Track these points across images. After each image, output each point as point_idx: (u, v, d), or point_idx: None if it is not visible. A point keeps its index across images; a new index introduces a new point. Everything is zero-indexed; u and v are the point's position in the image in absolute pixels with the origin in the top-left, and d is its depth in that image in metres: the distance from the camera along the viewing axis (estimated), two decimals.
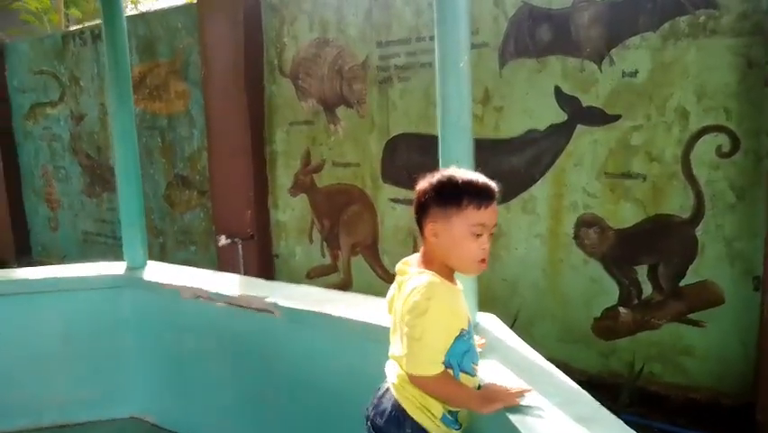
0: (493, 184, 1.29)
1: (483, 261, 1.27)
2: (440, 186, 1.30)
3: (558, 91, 3.11)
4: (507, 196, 3.34)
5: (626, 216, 3.01)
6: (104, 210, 5.58)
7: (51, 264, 5.79)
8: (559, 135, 3.14)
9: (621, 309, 3.06)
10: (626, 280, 3.04)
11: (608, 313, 3.10)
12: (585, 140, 3.07)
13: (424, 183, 1.34)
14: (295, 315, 1.96)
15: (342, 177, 4.06)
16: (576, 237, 3.15)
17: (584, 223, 3.12)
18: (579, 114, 3.07)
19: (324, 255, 4.26)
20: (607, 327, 3.11)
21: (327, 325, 1.88)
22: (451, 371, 1.26)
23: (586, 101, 3.04)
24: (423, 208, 1.32)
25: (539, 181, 3.23)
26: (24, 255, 6.29)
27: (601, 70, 2.99)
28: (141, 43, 4.90)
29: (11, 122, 6.19)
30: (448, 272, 1.31)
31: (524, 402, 1.24)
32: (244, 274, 4.05)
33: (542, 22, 3.13)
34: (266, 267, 4.41)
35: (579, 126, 3.08)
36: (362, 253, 4.08)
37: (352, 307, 1.92)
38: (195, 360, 2.36)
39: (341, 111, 3.97)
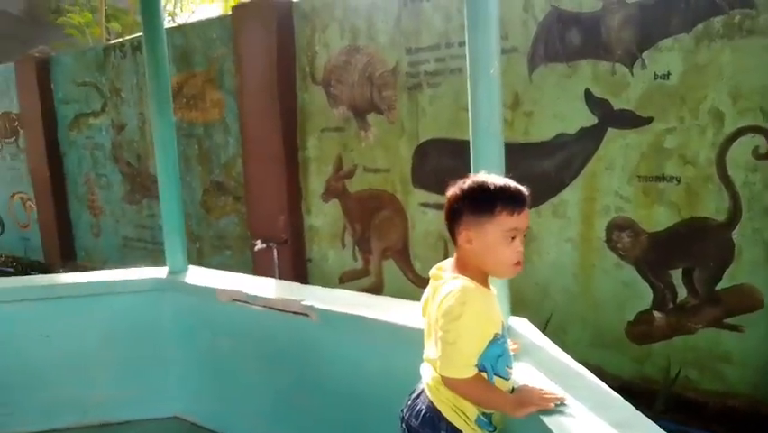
0: (524, 189, 1.32)
1: (518, 263, 1.31)
2: (472, 193, 1.33)
3: (588, 94, 3.10)
4: (538, 200, 3.34)
5: (659, 219, 2.97)
6: (143, 216, 5.78)
7: (94, 269, 6.02)
8: (589, 139, 3.13)
9: (656, 313, 3.02)
10: (661, 284, 3.00)
11: (641, 317, 3.06)
12: (616, 143, 3.05)
13: (454, 190, 1.36)
14: (331, 318, 2.01)
15: (373, 182, 4.12)
16: (608, 241, 3.13)
17: (616, 226, 3.10)
18: (609, 117, 3.05)
19: (355, 259, 4.32)
20: (641, 331, 3.08)
21: (363, 328, 1.92)
22: (485, 374, 1.29)
23: (617, 104, 3.02)
24: (455, 216, 1.35)
25: (570, 185, 3.22)
26: (69, 260, 6.55)
27: (633, 73, 2.96)
28: (178, 54, 5.07)
29: (57, 132, 6.46)
30: (482, 277, 1.34)
31: (559, 407, 1.24)
32: (279, 278, 4.15)
33: (571, 25, 3.12)
34: (299, 271, 4.50)
35: (610, 130, 3.06)
36: (393, 257, 4.12)
37: (387, 310, 1.96)
38: (233, 361, 2.44)
39: (371, 117, 4.03)
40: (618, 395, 1.29)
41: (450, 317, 1.25)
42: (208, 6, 8.92)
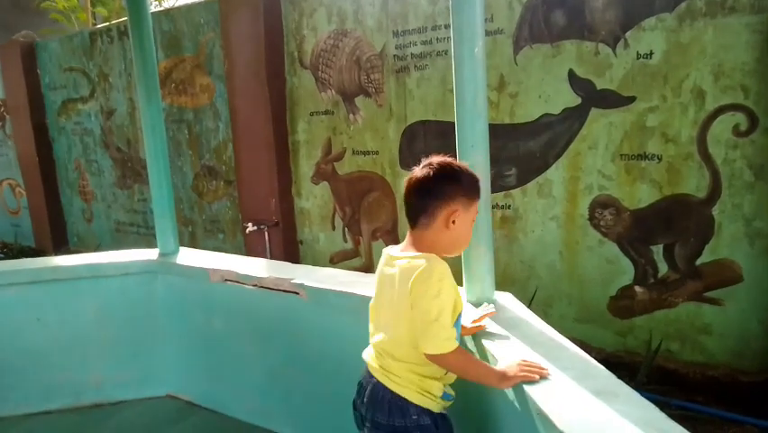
0: None
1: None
2: (468, 177, 1.36)
3: (572, 75, 3.14)
4: (524, 180, 3.39)
5: (641, 196, 3.04)
6: (135, 201, 5.79)
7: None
8: (573, 119, 3.18)
9: (637, 288, 3.10)
10: (642, 260, 3.08)
11: (624, 292, 3.15)
12: (600, 123, 3.10)
13: (444, 169, 1.34)
14: (321, 295, 2.05)
15: (362, 165, 4.15)
16: (591, 219, 3.20)
17: (599, 204, 3.16)
18: (592, 97, 3.10)
19: (346, 241, 4.38)
20: (623, 306, 3.16)
21: (352, 305, 1.96)
22: None
23: (600, 84, 3.07)
24: (443, 196, 1.32)
25: (554, 165, 3.28)
26: (61, 246, 6.57)
27: (616, 54, 3.00)
28: (165, 39, 5.05)
29: (45, 118, 6.43)
30: (441, 255, 1.34)
31: (545, 378, 1.25)
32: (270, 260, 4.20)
33: (556, 7, 3.15)
34: (291, 253, 4.55)
35: (593, 110, 3.11)
36: (383, 238, 4.18)
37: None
38: (225, 340, 2.50)
39: (360, 100, 4.06)
40: (600, 365, 1.31)
41: (430, 295, 1.26)
42: None
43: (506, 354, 1.38)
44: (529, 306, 2.13)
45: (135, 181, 5.73)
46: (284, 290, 2.17)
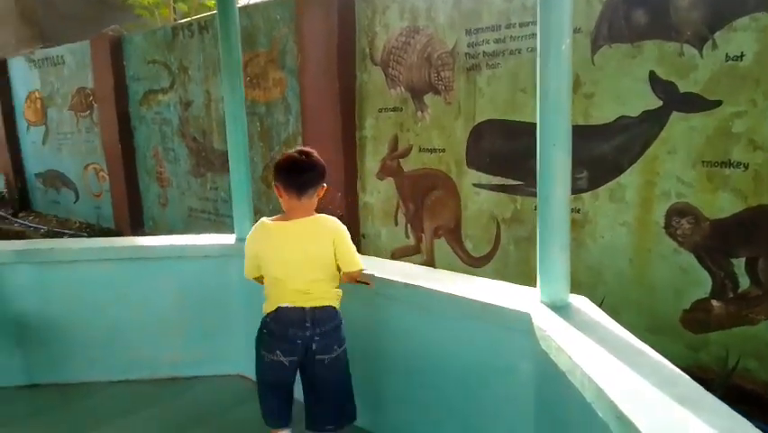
0: None
1: None
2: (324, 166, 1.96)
3: (653, 76, 3.03)
4: (595, 183, 3.31)
5: (723, 206, 2.90)
6: (207, 189, 6.07)
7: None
8: (652, 122, 3.07)
9: (714, 302, 2.96)
10: (722, 273, 2.94)
11: (698, 305, 3.02)
12: (680, 127, 2.98)
13: (318, 159, 1.93)
14: (389, 288, 2.10)
15: (427, 162, 4.18)
16: (667, 227, 3.08)
17: (677, 212, 3.04)
18: (674, 100, 2.98)
19: (408, 237, 4.42)
20: (697, 319, 3.03)
21: (419, 298, 1.99)
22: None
23: (683, 87, 2.95)
24: (321, 177, 1.92)
25: (629, 169, 3.18)
26: (137, 228, 6.97)
27: (702, 55, 2.88)
28: (242, 34, 5.22)
29: (128, 108, 6.83)
30: None
31: (625, 383, 1.23)
32: None
33: (639, 5, 3.05)
34: (354, 246, 4.63)
35: (674, 113, 2.99)
36: (445, 236, 4.19)
37: (443, 282, 2.02)
38: None
39: (428, 98, 4.08)
40: (683, 372, 1.27)
41: (345, 235, 1.95)
42: None
43: (585, 359, 1.36)
44: None
45: (208, 170, 6.00)
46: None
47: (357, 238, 4.71)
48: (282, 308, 1.90)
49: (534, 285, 1.80)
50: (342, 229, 1.95)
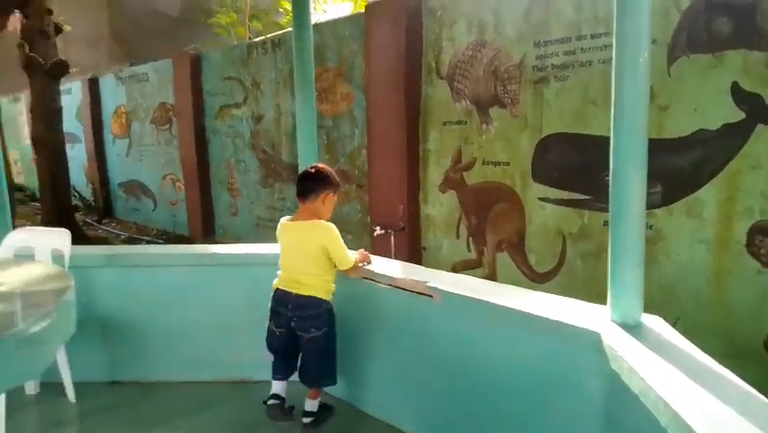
0: None
1: None
2: (336, 177, 2.42)
3: (736, 88, 2.88)
4: (671, 198, 3.17)
5: None
6: (275, 199, 6.29)
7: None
8: (734, 136, 2.91)
9: None
10: None
11: None
12: (766, 140, 2.81)
13: (327, 169, 2.40)
14: (453, 300, 2.10)
15: (491, 175, 4.14)
16: (749, 246, 2.90)
17: (760, 230, 2.86)
18: (759, 112, 2.82)
19: (469, 250, 4.39)
20: None
21: (486, 312, 1.99)
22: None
23: None
24: (327, 185, 2.35)
25: (708, 184, 3.02)
26: (209, 236, 7.31)
27: None
28: (313, 51, 5.42)
29: (204, 121, 7.21)
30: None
31: (703, 408, 1.18)
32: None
33: (721, 14, 2.92)
34: (415, 258, 4.66)
35: (759, 126, 2.83)
36: (508, 250, 4.13)
37: (511, 297, 2.00)
38: (359, 334, 2.63)
39: (494, 111, 4.06)
40: (767, 399, 1.20)
41: (334, 238, 2.31)
42: (339, 6, 9.39)
43: (660, 382, 1.31)
44: None
45: (276, 181, 6.22)
46: (418, 292, 2.25)
47: (418, 250, 4.72)
48: (279, 289, 2.40)
49: (602, 302, 1.75)
50: (333, 234, 2.31)
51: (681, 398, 1.22)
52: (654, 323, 1.66)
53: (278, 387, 2.57)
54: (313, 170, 2.39)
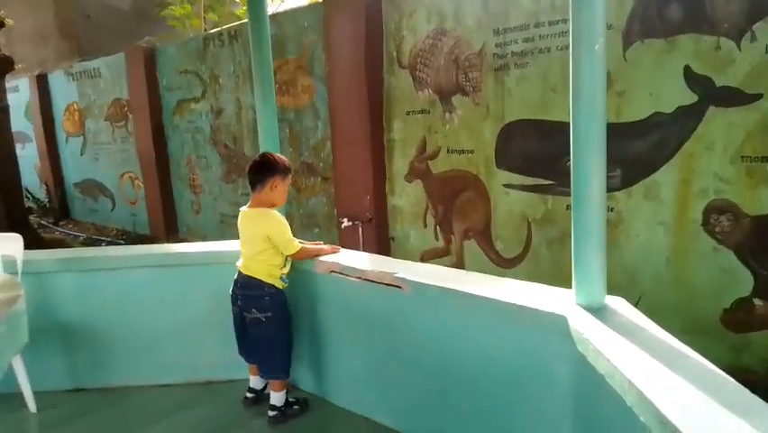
0: None
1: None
2: (284, 162, 2.47)
3: (688, 71, 2.97)
4: (629, 181, 3.25)
5: (765, 202, 2.81)
6: (238, 195, 6.18)
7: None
8: (687, 118, 3.00)
9: (756, 301, 2.88)
10: (764, 271, 2.85)
11: (740, 305, 2.93)
12: (718, 122, 2.90)
13: (271, 157, 2.45)
14: (422, 290, 2.10)
15: (456, 163, 4.17)
16: (705, 225, 3.00)
17: (715, 209, 2.96)
18: (711, 94, 2.91)
19: (437, 239, 4.41)
20: (739, 319, 2.94)
21: (454, 300, 1.99)
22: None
23: (720, 81, 2.87)
24: (272, 172, 2.41)
25: (664, 166, 3.11)
26: (172, 234, 7.14)
27: (740, 48, 2.80)
28: (272, 42, 5.31)
29: (162, 117, 7.01)
30: (271, 207, 2.45)
31: (667, 387, 1.20)
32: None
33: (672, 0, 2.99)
34: (383, 249, 4.66)
35: (711, 108, 2.92)
36: (475, 237, 4.17)
37: (478, 285, 2.01)
38: (330, 330, 2.62)
39: (456, 99, 4.07)
40: (728, 376, 1.23)
41: (281, 226, 2.42)
42: None
43: (624, 361, 1.34)
44: None
45: (239, 176, 6.11)
46: (386, 284, 2.24)
47: (386, 241, 4.72)
48: (237, 269, 2.52)
49: (568, 286, 1.78)
50: (275, 221, 2.41)
51: (645, 377, 1.25)
52: (618, 304, 1.69)
53: (253, 380, 2.65)
54: (258, 159, 2.45)
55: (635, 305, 3.16)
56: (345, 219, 4.57)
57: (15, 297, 1.96)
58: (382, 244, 4.68)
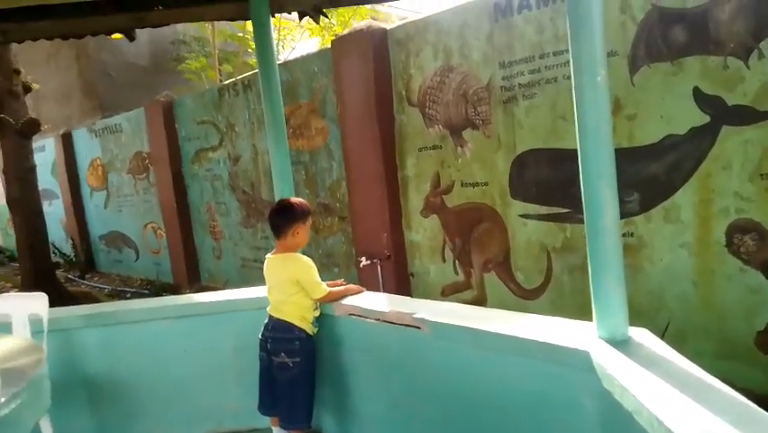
0: None
1: None
2: (305, 208, 2.54)
3: (697, 92, 2.95)
4: (647, 205, 3.21)
5: None
6: (258, 239, 6.24)
7: (217, 289, 6.57)
8: (702, 139, 2.97)
9: None
10: None
11: None
12: (734, 141, 2.87)
13: (294, 204, 2.51)
14: (442, 330, 2.08)
15: (471, 196, 4.17)
16: (729, 245, 2.93)
17: (738, 229, 2.89)
18: (723, 114, 2.88)
19: (457, 273, 4.38)
20: None
21: (474, 339, 1.97)
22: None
23: (731, 100, 2.85)
24: (295, 218, 2.47)
25: (682, 188, 3.07)
26: (195, 282, 7.21)
27: (749, 66, 2.79)
28: (284, 88, 5.42)
29: (181, 167, 7.19)
30: (295, 250, 2.54)
31: (696, 423, 1.16)
32: (384, 292, 4.30)
33: (675, 23, 3.00)
34: (403, 285, 4.63)
35: (725, 127, 2.89)
36: (495, 269, 4.12)
37: (497, 322, 1.99)
38: (350, 373, 2.60)
39: (467, 133, 4.10)
40: (758, 408, 1.19)
41: (310, 270, 2.48)
42: (306, 43, 9.54)
43: (649, 395, 1.30)
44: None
45: (258, 220, 6.18)
46: (406, 325, 2.23)
47: (405, 277, 4.70)
48: (268, 313, 2.55)
49: (592, 317, 1.74)
50: (304, 265, 2.47)
51: (673, 414, 1.20)
52: (642, 336, 1.65)
53: (276, 431, 2.61)
54: (278, 207, 2.52)
55: (664, 330, 3.10)
56: (364, 258, 4.57)
57: (37, 361, 1.98)
58: (402, 281, 4.66)
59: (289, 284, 2.45)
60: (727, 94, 2.87)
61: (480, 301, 4.22)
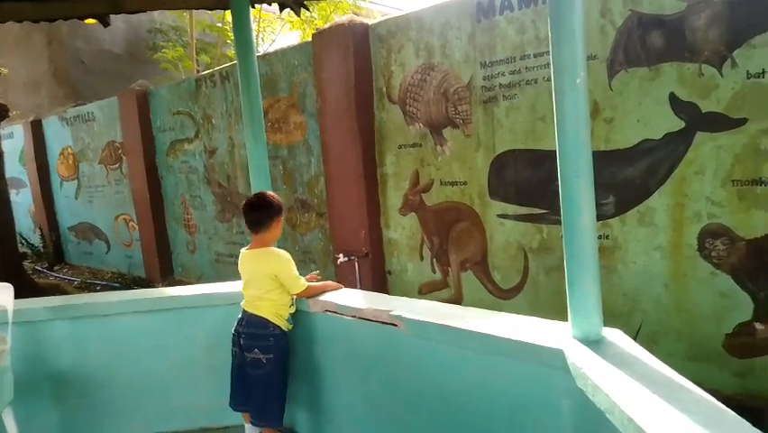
0: None
1: None
2: (279, 200, 2.51)
3: (673, 98, 3.01)
4: (622, 208, 3.26)
5: (758, 225, 2.81)
6: (233, 233, 6.16)
7: (190, 283, 6.47)
8: (676, 144, 3.02)
9: (758, 325, 2.84)
10: (762, 293, 2.83)
11: (742, 329, 2.90)
12: (707, 147, 2.93)
13: (273, 198, 2.47)
14: (418, 327, 2.07)
15: (450, 195, 4.17)
16: (701, 249, 2.99)
17: (710, 234, 2.96)
18: (697, 120, 2.94)
19: (434, 271, 4.38)
20: (741, 343, 2.91)
21: (450, 337, 1.97)
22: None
23: (705, 107, 2.91)
24: (276, 213, 2.45)
25: (656, 192, 3.12)
26: (168, 275, 7.08)
27: (722, 74, 2.85)
28: (263, 81, 5.38)
29: (155, 158, 7.04)
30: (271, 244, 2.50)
31: (666, 422, 1.18)
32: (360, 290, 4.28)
33: (653, 29, 3.05)
34: (380, 283, 4.62)
35: (699, 133, 2.95)
36: (472, 268, 4.14)
37: (474, 320, 1.99)
38: (325, 370, 2.57)
39: (447, 132, 4.10)
40: (728, 408, 1.21)
41: (289, 264, 2.43)
42: (286, 36, 9.44)
43: (621, 394, 1.32)
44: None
45: (233, 215, 6.10)
46: (382, 322, 2.21)
47: (383, 275, 4.69)
48: (242, 308, 2.51)
49: (567, 317, 1.75)
50: (282, 260, 2.43)
51: (644, 413, 1.22)
52: (615, 337, 1.67)
53: (248, 428, 2.57)
54: (257, 201, 2.46)
55: (637, 331, 3.15)
56: (341, 255, 4.54)
57: None
58: (379, 279, 4.65)
59: (267, 279, 2.41)
60: (702, 101, 2.93)
61: (456, 300, 4.23)
